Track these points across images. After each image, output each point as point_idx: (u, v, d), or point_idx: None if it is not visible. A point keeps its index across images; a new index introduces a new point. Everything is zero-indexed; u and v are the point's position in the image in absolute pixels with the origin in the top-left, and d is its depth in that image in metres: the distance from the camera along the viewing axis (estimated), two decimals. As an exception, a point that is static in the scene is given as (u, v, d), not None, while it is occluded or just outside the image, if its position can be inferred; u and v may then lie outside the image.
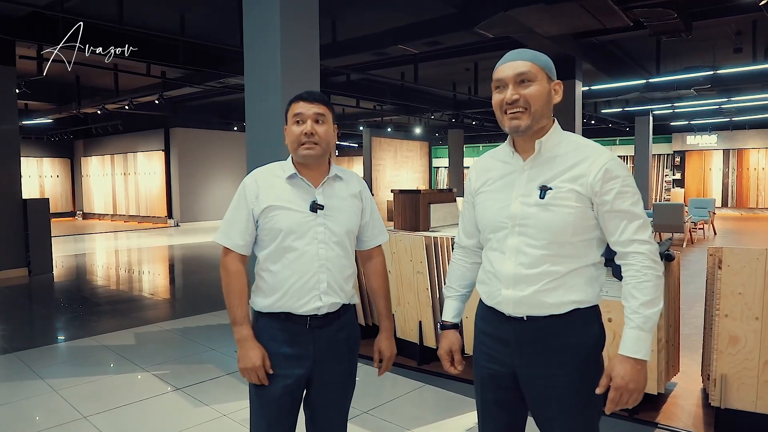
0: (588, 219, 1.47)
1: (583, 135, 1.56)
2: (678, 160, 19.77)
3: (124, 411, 3.28)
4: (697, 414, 3.07)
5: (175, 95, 12.71)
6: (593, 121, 16.83)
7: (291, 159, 1.78)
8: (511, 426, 1.63)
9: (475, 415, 3.01)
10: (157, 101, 11.91)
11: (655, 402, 3.15)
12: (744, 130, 18.14)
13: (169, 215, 16.69)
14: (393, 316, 3.97)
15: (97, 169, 19.17)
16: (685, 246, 10.19)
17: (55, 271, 8.37)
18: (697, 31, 7.30)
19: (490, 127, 17.99)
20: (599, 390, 1.43)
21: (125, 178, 18.13)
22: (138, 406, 3.35)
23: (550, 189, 1.46)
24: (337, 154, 23.54)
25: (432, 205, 11.78)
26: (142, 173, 17.51)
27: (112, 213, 18.64)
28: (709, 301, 3.00)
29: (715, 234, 12.17)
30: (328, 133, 1.74)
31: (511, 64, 1.49)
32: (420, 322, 3.92)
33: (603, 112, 15.45)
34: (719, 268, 2.73)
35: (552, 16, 6.34)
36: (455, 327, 1.74)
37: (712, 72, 8.98)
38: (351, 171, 1.88)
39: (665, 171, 20.20)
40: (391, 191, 12.82)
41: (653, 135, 16.82)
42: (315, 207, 1.72)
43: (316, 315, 1.71)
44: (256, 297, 1.76)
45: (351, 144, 23.68)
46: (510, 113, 1.48)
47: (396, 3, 7.18)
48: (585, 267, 1.49)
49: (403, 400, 3.39)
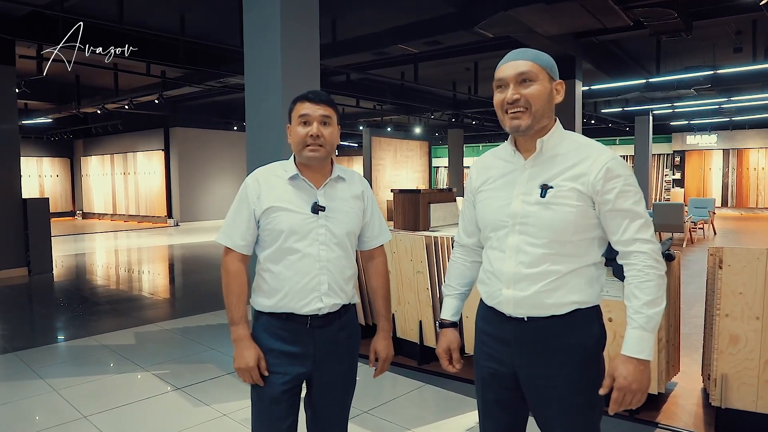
0: (589, 218, 1.47)
1: (583, 135, 1.56)
2: (678, 159, 19.78)
3: (124, 411, 3.28)
4: (698, 414, 3.07)
5: (175, 95, 12.71)
6: (593, 121, 16.84)
7: (293, 159, 1.77)
8: (512, 426, 1.63)
9: (475, 415, 3.01)
10: (157, 101, 11.91)
11: (656, 402, 3.15)
12: (744, 129, 18.15)
13: (169, 215, 16.69)
14: (393, 316, 4.00)
15: (96, 168, 19.17)
16: (684, 246, 10.19)
17: (54, 271, 8.37)
18: (697, 30, 7.31)
19: (490, 127, 17.99)
20: (602, 390, 1.43)
21: (125, 177, 18.12)
22: (138, 406, 3.35)
23: (551, 188, 1.46)
24: (336, 153, 23.52)
25: (432, 205, 11.79)
26: (141, 173, 17.51)
27: (112, 213, 18.64)
28: (709, 301, 3.00)
29: (715, 234, 12.17)
30: (333, 135, 1.74)
31: (513, 64, 1.48)
32: (420, 322, 3.92)
33: (603, 111, 15.45)
34: (720, 268, 2.73)
35: (552, 16, 6.34)
36: (454, 325, 1.73)
37: (712, 72, 8.98)
38: (353, 171, 1.87)
39: (665, 171, 20.20)
40: (391, 191, 12.84)
41: (653, 135, 16.83)
42: (316, 208, 1.71)
43: (317, 315, 1.71)
44: (257, 296, 1.76)
45: (351, 144, 23.68)
46: (511, 113, 1.48)
47: (396, 2, 7.17)
48: (586, 267, 1.49)
49: (404, 400, 3.39)
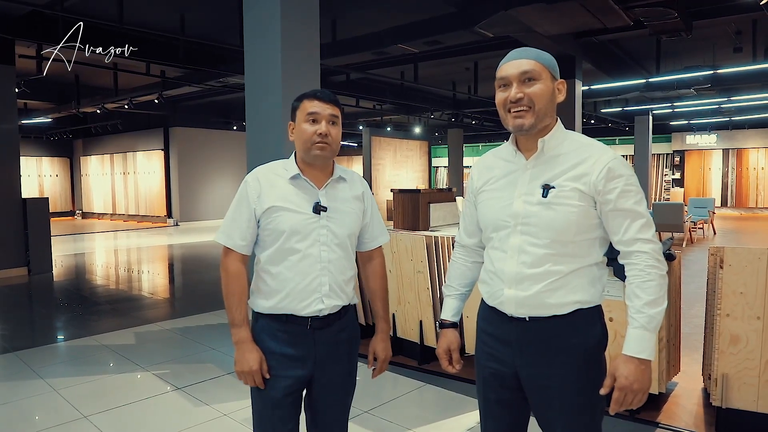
0: (591, 218, 1.46)
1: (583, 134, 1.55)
2: (677, 159, 19.78)
3: (124, 410, 3.28)
4: (698, 413, 3.07)
5: (174, 94, 12.70)
6: (593, 121, 16.84)
7: (294, 158, 1.75)
8: (513, 426, 1.63)
9: (475, 415, 3.01)
10: (156, 100, 11.90)
11: (656, 401, 3.14)
12: (743, 129, 18.15)
13: (169, 215, 16.68)
14: (393, 316, 3.99)
15: (96, 168, 19.16)
16: (684, 246, 10.19)
17: (54, 271, 8.36)
18: (697, 30, 7.31)
19: (489, 127, 17.99)
20: (604, 390, 1.42)
21: (125, 177, 18.12)
22: (138, 406, 3.34)
23: (553, 188, 1.45)
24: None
25: (431, 205, 11.79)
26: (141, 172, 17.50)
27: (112, 212, 18.63)
28: (710, 301, 3.00)
29: (715, 233, 12.17)
30: (339, 135, 1.73)
31: (516, 63, 1.48)
32: (420, 322, 3.91)
33: (603, 111, 15.46)
34: (721, 268, 2.73)
35: (552, 15, 6.34)
36: (454, 326, 1.73)
37: (711, 71, 8.98)
38: (354, 171, 1.86)
39: (665, 170, 20.20)
40: (391, 191, 12.84)
41: (653, 134, 16.83)
42: (318, 209, 1.69)
43: (318, 316, 1.70)
44: (256, 298, 1.74)
45: (351, 143, 23.67)
46: (514, 112, 1.47)
47: (396, 2, 7.17)
48: (587, 267, 1.49)
49: (404, 400, 3.39)
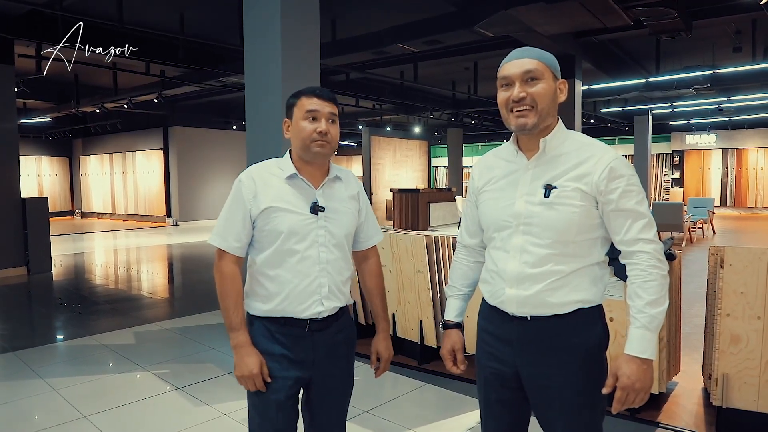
0: (593, 218, 1.46)
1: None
2: (677, 159, 19.78)
3: (123, 410, 3.27)
4: (699, 413, 3.07)
5: (174, 94, 12.68)
6: (592, 121, 16.84)
7: (289, 157, 1.71)
8: (514, 425, 1.63)
9: (476, 415, 3.01)
10: (156, 100, 11.89)
11: (657, 401, 3.15)
12: (743, 129, 18.15)
13: (168, 214, 16.67)
14: (393, 316, 3.99)
15: (95, 168, 19.14)
16: (684, 245, 10.19)
17: (54, 270, 8.36)
18: (696, 30, 7.30)
19: (489, 127, 17.98)
20: (605, 390, 1.43)
21: (124, 177, 18.10)
22: (138, 406, 3.34)
23: (555, 188, 1.45)
24: (336, 153, 23.49)
25: (431, 204, 11.79)
26: (140, 172, 17.48)
27: (111, 212, 18.61)
28: (710, 301, 3.00)
29: (714, 233, 12.18)
30: (338, 134, 1.71)
31: (518, 62, 1.47)
32: (421, 322, 3.91)
33: (602, 111, 15.45)
34: (721, 268, 2.73)
35: (552, 15, 6.34)
36: (458, 326, 1.73)
37: (711, 71, 8.98)
38: (348, 170, 1.83)
39: (664, 170, 20.20)
40: (391, 190, 12.83)
41: (652, 134, 16.83)
42: (316, 209, 1.66)
43: (316, 319, 1.67)
44: (252, 301, 1.70)
45: (350, 143, 23.66)
46: (516, 111, 1.47)
47: (396, 2, 7.17)
48: (589, 266, 1.49)
49: (404, 400, 3.39)
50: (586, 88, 10.81)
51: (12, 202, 7.87)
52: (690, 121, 17.82)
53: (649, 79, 10.18)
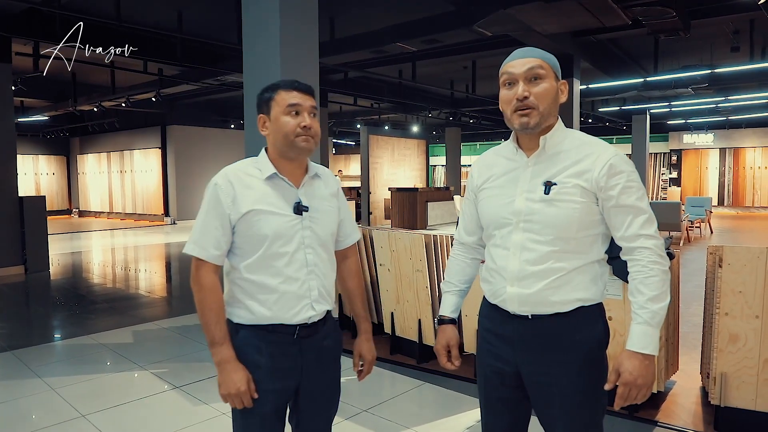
0: (593, 214, 1.47)
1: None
2: (675, 158, 19.81)
3: (122, 410, 3.27)
4: (697, 412, 3.08)
5: (172, 93, 12.66)
6: (590, 120, 16.86)
7: (266, 156, 1.64)
8: (515, 424, 1.63)
9: (474, 413, 3.01)
10: (153, 98, 11.85)
11: (655, 400, 3.15)
12: (740, 128, 18.20)
13: (166, 213, 16.64)
14: (392, 315, 3.98)
15: (93, 166, 19.10)
16: (682, 245, 10.21)
17: (51, 269, 8.34)
18: (695, 29, 7.31)
19: (487, 126, 17.98)
20: (608, 386, 1.43)
21: (121, 175, 18.06)
22: (136, 405, 3.33)
23: (555, 184, 1.45)
24: (334, 152, 23.50)
25: (429, 203, 11.78)
26: (138, 171, 17.45)
27: (109, 211, 18.57)
28: (708, 300, 3.00)
29: (712, 232, 12.20)
30: (319, 128, 1.62)
31: (522, 61, 1.47)
32: (419, 321, 3.91)
33: (600, 110, 15.47)
34: (719, 267, 2.73)
35: (551, 14, 6.35)
36: (453, 322, 1.73)
37: (709, 71, 9.00)
38: (324, 167, 1.76)
39: (662, 170, 20.24)
40: (389, 189, 12.83)
41: (650, 133, 16.86)
42: (300, 209, 1.59)
43: (306, 324, 1.60)
44: (236, 309, 1.60)
45: (348, 142, 23.65)
46: (519, 110, 1.47)
47: (395, 1, 7.16)
48: (590, 264, 1.49)
49: (403, 399, 3.38)
50: (585, 87, 10.81)
51: (9, 201, 7.85)
52: (688, 121, 17.85)
53: (648, 79, 10.20)
